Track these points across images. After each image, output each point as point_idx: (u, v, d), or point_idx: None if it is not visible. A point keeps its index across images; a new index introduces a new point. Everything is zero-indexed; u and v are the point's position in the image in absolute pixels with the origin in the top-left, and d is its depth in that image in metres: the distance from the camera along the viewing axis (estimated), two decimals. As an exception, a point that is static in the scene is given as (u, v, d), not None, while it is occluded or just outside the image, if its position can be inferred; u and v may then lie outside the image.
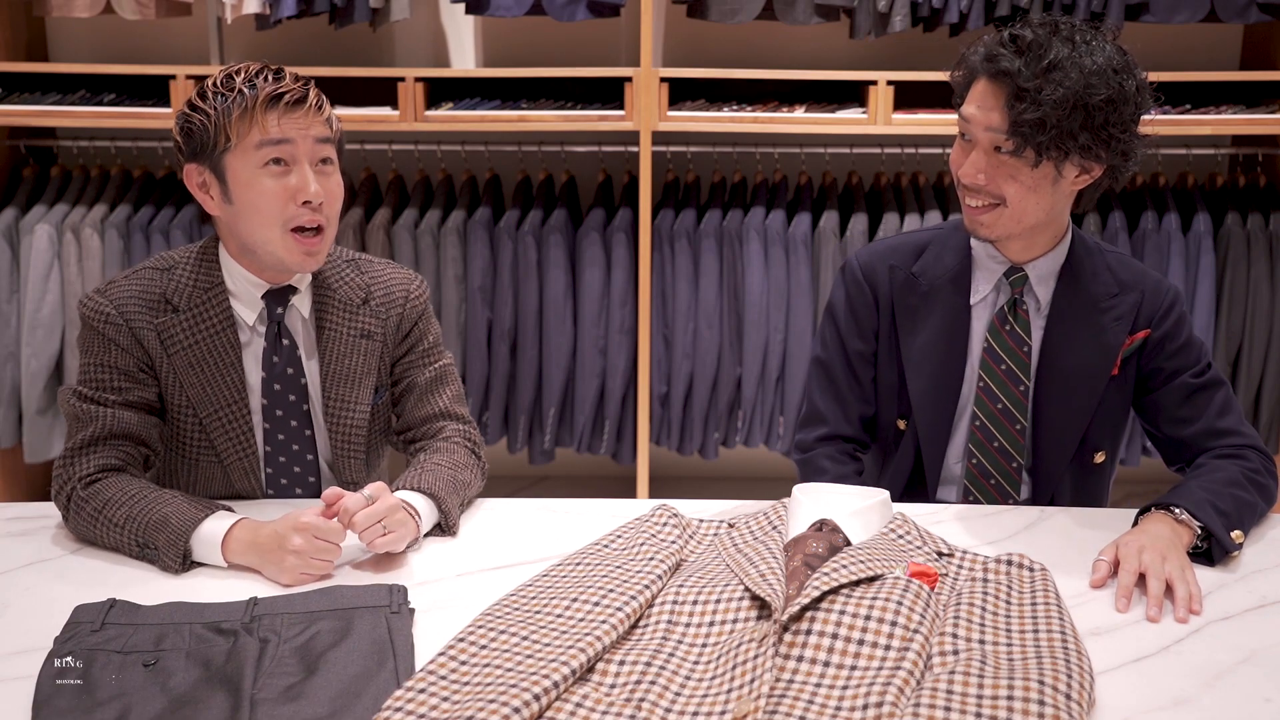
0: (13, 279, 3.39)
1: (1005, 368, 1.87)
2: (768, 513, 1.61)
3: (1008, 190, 1.74)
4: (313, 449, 1.87)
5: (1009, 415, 1.88)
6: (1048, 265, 1.85)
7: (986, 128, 1.72)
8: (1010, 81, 1.68)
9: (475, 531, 1.74)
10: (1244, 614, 1.49)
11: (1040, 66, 1.66)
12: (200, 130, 1.70)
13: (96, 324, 1.74)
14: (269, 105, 1.68)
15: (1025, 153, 1.70)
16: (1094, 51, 1.68)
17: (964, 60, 1.79)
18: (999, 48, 1.71)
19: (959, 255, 1.90)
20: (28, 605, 1.50)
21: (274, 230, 1.72)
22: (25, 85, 3.46)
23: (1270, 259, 3.38)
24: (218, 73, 1.72)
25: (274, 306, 1.80)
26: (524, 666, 1.27)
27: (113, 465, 1.71)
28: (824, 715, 1.22)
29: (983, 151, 1.75)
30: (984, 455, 1.90)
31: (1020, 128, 1.68)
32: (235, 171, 1.70)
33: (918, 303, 1.90)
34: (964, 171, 1.77)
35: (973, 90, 1.76)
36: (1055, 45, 1.67)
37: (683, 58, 3.66)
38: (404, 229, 3.38)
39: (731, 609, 1.38)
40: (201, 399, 1.78)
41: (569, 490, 3.72)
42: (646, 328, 3.39)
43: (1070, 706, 1.20)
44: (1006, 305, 1.86)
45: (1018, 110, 1.67)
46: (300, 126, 1.70)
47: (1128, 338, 1.86)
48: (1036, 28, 1.71)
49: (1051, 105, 1.65)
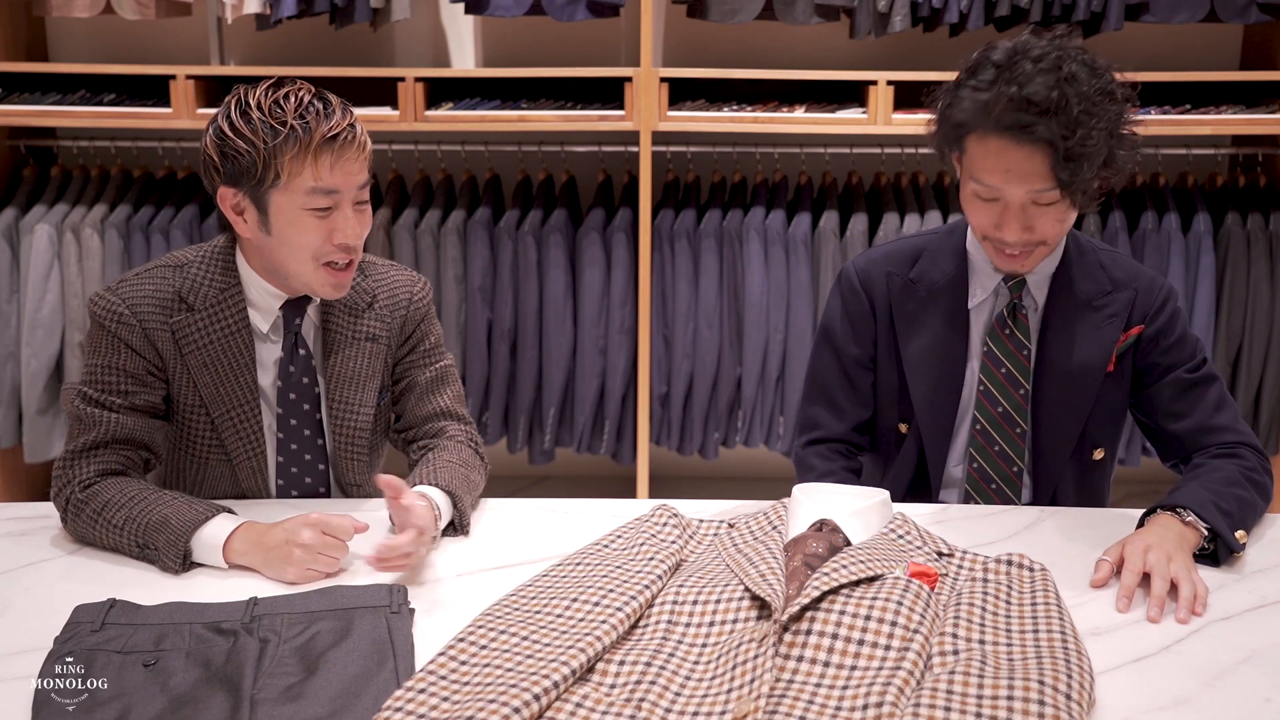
0: (13, 279, 3.39)
1: (1005, 371, 1.87)
2: (767, 513, 1.61)
3: (1052, 233, 1.74)
4: (322, 456, 1.87)
5: (1009, 419, 1.88)
6: (1044, 268, 1.85)
7: (1029, 190, 1.69)
8: (1050, 148, 1.64)
9: (475, 531, 1.74)
10: (1244, 614, 1.49)
11: (1071, 120, 1.63)
12: (247, 161, 1.66)
13: (108, 323, 1.73)
14: (323, 147, 1.65)
15: (1080, 200, 1.70)
16: (1078, 72, 1.65)
17: (950, 118, 1.73)
18: (1019, 114, 1.64)
19: (956, 260, 1.89)
20: (28, 605, 1.50)
21: (307, 265, 1.71)
22: (25, 85, 3.46)
23: (1270, 259, 3.38)
24: (257, 95, 1.67)
25: (292, 317, 1.81)
26: (524, 666, 1.27)
27: (113, 470, 1.71)
28: (824, 715, 1.22)
29: (1020, 209, 1.71)
30: (984, 459, 1.91)
31: (1075, 185, 1.66)
32: (279, 208, 1.68)
33: (916, 308, 1.90)
34: (1010, 232, 1.72)
35: (983, 152, 1.70)
36: (1064, 91, 1.63)
37: (683, 58, 3.66)
38: (404, 229, 3.38)
39: (731, 609, 1.38)
40: (214, 399, 1.78)
41: (569, 490, 3.72)
42: (646, 328, 3.39)
43: (1070, 706, 1.20)
44: (1006, 309, 1.86)
45: (1068, 170, 1.64)
46: (349, 173, 1.69)
47: (1121, 334, 1.86)
48: (1037, 78, 1.64)
49: (1094, 152, 1.64)
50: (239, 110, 1.67)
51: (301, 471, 1.86)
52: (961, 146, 1.74)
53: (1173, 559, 1.54)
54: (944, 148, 1.77)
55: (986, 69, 1.69)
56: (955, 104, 1.71)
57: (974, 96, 1.68)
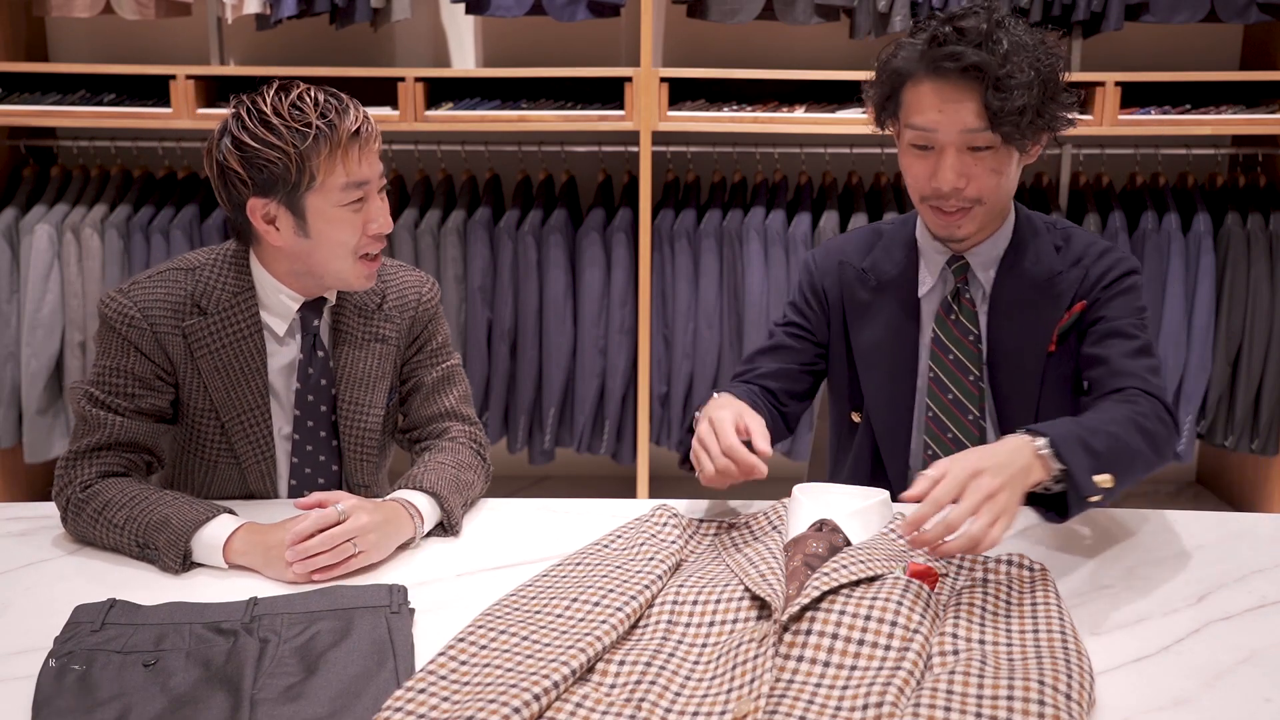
0: (13, 279, 3.39)
1: (953, 357, 1.84)
2: (767, 513, 1.61)
3: (987, 187, 1.72)
4: (336, 457, 1.88)
5: (960, 406, 1.86)
6: (990, 250, 1.82)
7: (961, 129, 1.68)
8: (982, 75, 1.64)
9: (475, 531, 1.74)
10: (1244, 614, 1.48)
11: (1002, 52, 1.64)
12: (280, 168, 1.66)
13: (118, 325, 1.73)
14: (350, 142, 1.68)
15: (1010, 143, 1.68)
16: (1010, 23, 1.68)
17: (888, 67, 1.74)
18: (949, 45, 1.66)
19: (906, 248, 1.88)
20: (28, 605, 1.50)
21: (348, 260, 1.74)
22: (25, 85, 3.46)
23: (1270, 259, 3.38)
24: (268, 102, 1.67)
25: (310, 319, 1.81)
26: (524, 666, 1.27)
27: (115, 471, 1.71)
28: (824, 715, 1.22)
29: (956, 154, 1.70)
30: (939, 447, 1.88)
31: (1004, 119, 1.64)
32: (317, 209, 1.69)
33: (868, 298, 1.89)
34: (944, 179, 1.71)
35: (916, 96, 1.71)
36: (994, 29, 1.66)
37: (683, 58, 3.66)
38: (404, 229, 3.39)
39: (731, 609, 1.38)
40: (225, 403, 1.78)
41: (569, 490, 3.72)
42: (646, 328, 3.39)
43: (1070, 706, 1.20)
44: (950, 295, 1.84)
45: (998, 101, 1.64)
46: (373, 163, 1.73)
47: (1065, 312, 1.80)
48: (970, 17, 1.68)
49: (1025, 88, 1.64)
50: (257, 120, 1.66)
51: (315, 472, 1.87)
52: (899, 100, 1.74)
53: (995, 495, 1.37)
54: (882, 113, 1.77)
55: (926, 27, 1.73)
56: (894, 55, 1.74)
57: (912, 44, 1.72)
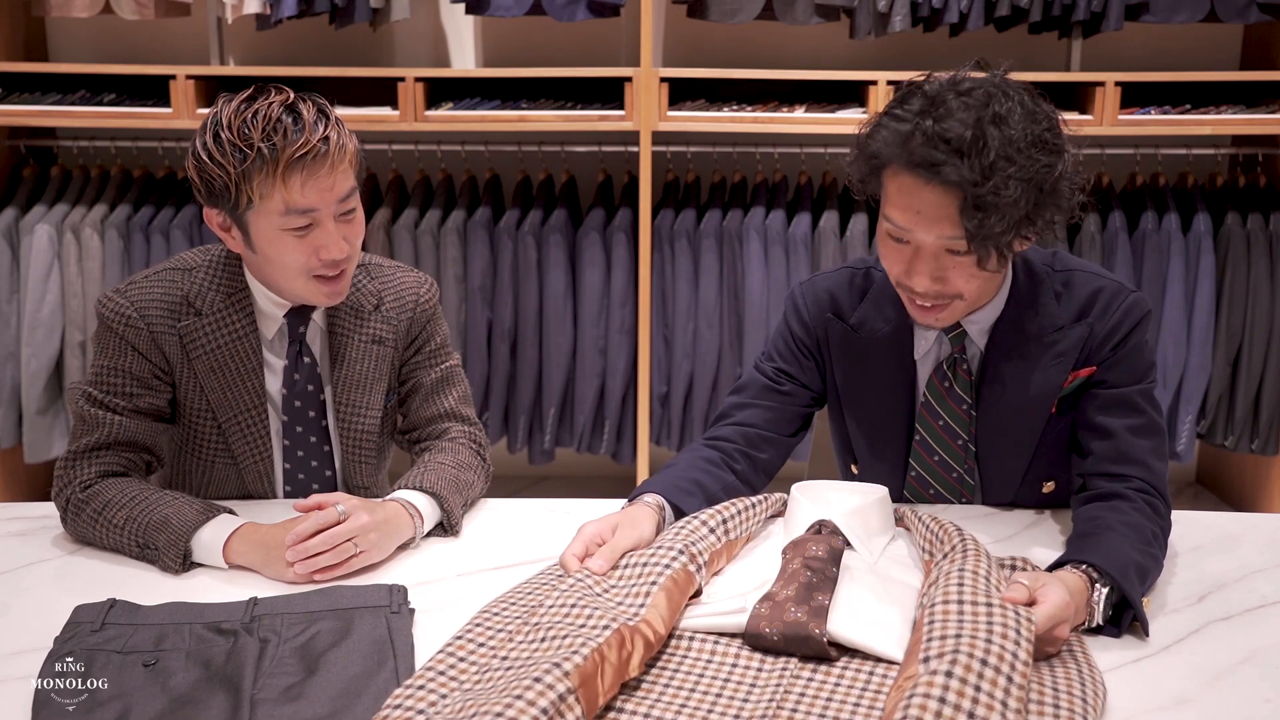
0: (13, 279, 3.39)
1: (943, 423, 1.75)
2: (757, 507, 1.60)
3: (967, 288, 1.58)
4: (329, 461, 1.87)
5: (945, 466, 1.78)
6: (987, 316, 1.69)
7: (938, 236, 1.52)
8: (960, 192, 1.47)
9: (475, 531, 1.74)
10: (1244, 614, 1.48)
11: (986, 164, 1.46)
12: (220, 185, 1.62)
13: (115, 325, 1.73)
14: (291, 168, 1.60)
15: (988, 256, 1.52)
16: (1008, 114, 1.48)
17: (867, 149, 1.57)
18: (931, 150, 1.48)
19: (898, 306, 1.71)
20: (28, 605, 1.50)
21: (297, 280, 1.70)
22: (25, 85, 3.46)
23: (1270, 259, 3.38)
24: (229, 112, 1.62)
25: (296, 325, 1.80)
26: (524, 663, 1.26)
27: (114, 471, 1.71)
28: (825, 716, 1.23)
29: (932, 256, 1.55)
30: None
31: (982, 240, 1.49)
32: (259, 229, 1.66)
33: (860, 354, 1.77)
34: (919, 281, 1.57)
35: (895, 187, 1.54)
36: (986, 130, 1.46)
37: (683, 58, 3.66)
38: (404, 229, 3.39)
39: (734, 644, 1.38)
40: (222, 403, 1.78)
41: (569, 490, 3.72)
42: (646, 328, 3.39)
43: (1086, 710, 1.21)
44: (946, 363, 1.72)
45: (976, 220, 1.47)
46: (324, 188, 1.63)
47: (1070, 374, 1.68)
48: (959, 114, 1.48)
49: (1010, 205, 1.47)
50: (210, 131, 1.63)
51: (309, 476, 1.87)
52: (879, 182, 1.58)
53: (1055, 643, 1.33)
54: (861, 182, 1.61)
55: (915, 100, 1.54)
56: (875, 133, 1.56)
57: (894, 127, 1.53)
